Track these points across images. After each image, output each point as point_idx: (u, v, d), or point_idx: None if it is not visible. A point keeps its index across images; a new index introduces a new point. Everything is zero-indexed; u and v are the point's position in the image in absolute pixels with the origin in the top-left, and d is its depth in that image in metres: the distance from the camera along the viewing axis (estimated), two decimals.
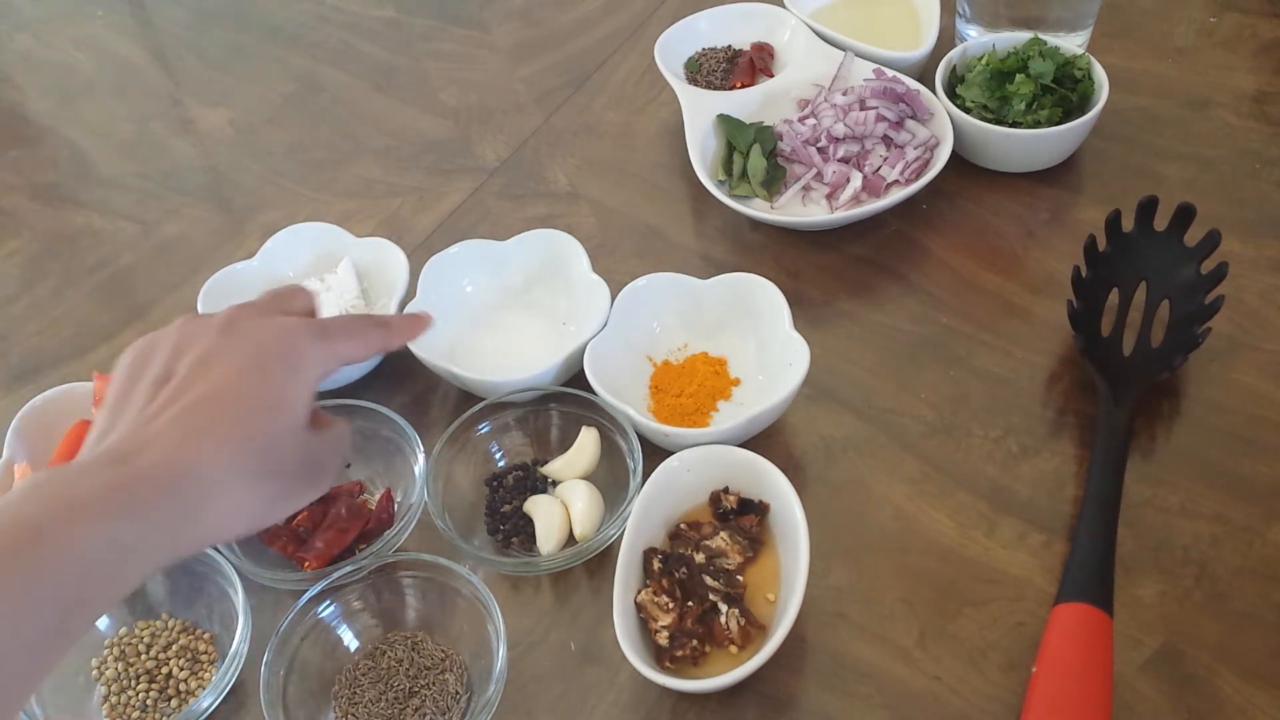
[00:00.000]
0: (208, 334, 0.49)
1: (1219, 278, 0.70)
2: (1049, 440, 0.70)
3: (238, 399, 0.46)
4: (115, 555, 0.41)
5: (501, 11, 1.12)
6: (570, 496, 0.69)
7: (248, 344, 0.48)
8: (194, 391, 0.46)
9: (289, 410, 0.48)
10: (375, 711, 0.63)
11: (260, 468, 0.46)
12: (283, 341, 0.49)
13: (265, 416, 0.47)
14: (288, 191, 0.97)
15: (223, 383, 0.47)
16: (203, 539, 0.45)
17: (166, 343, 0.50)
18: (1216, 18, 0.96)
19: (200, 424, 0.45)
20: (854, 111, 0.86)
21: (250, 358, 0.48)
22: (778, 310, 0.73)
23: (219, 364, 0.47)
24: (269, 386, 0.47)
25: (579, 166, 0.94)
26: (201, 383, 0.47)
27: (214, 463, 0.44)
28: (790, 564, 0.63)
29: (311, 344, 0.50)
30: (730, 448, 0.67)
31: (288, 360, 0.48)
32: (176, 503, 0.43)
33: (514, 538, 0.69)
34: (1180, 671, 0.60)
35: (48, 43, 1.19)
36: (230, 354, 0.48)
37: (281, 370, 0.48)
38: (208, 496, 0.44)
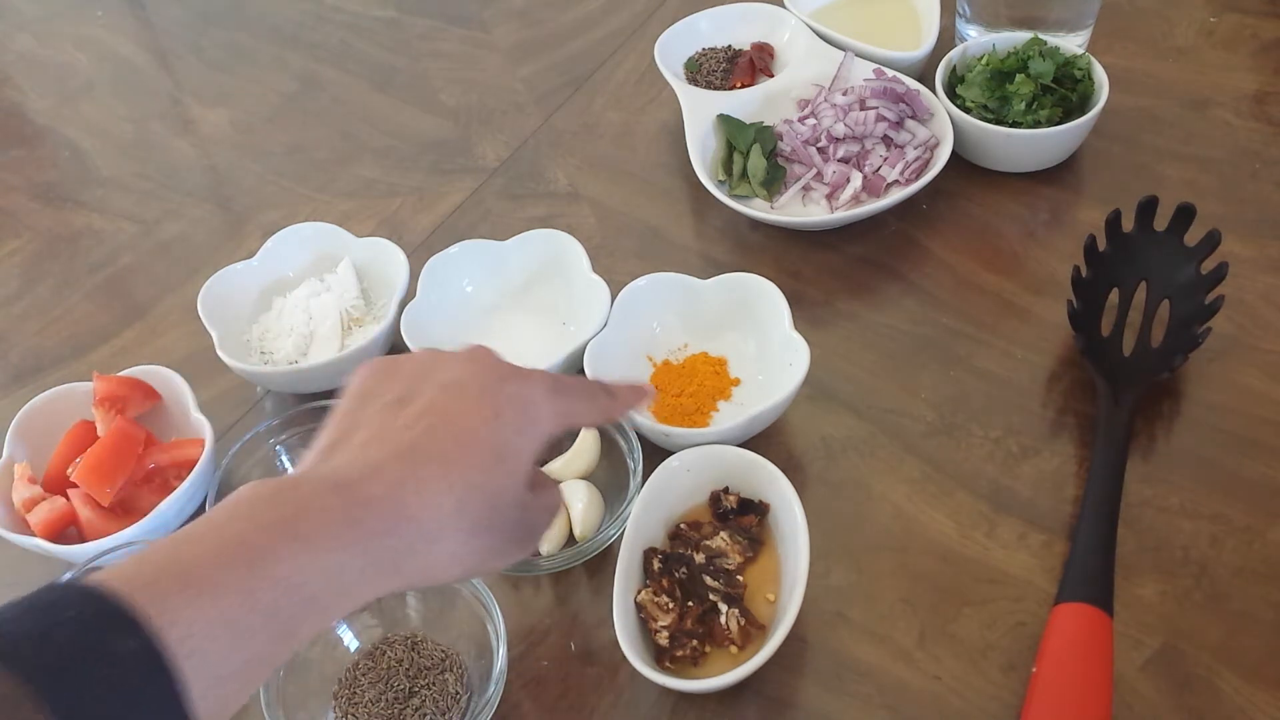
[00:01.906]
0: (454, 363, 0.48)
1: (1219, 278, 0.70)
2: (1049, 440, 0.70)
3: (472, 443, 0.45)
4: (335, 586, 0.41)
5: (501, 11, 1.12)
6: (570, 496, 0.69)
7: (490, 383, 0.47)
8: (428, 420, 0.45)
9: (517, 465, 0.46)
10: (375, 711, 0.63)
11: (479, 521, 0.44)
12: (523, 392, 0.48)
13: (494, 469, 0.45)
14: (288, 191, 0.97)
15: (459, 421, 0.45)
16: (413, 579, 0.44)
17: (409, 364, 0.48)
18: (1216, 18, 0.96)
19: (429, 462, 0.44)
20: (854, 111, 0.86)
21: (490, 401, 0.46)
22: (778, 310, 0.73)
23: (460, 398, 0.46)
24: (503, 437, 0.46)
25: (579, 166, 0.94)
26: (438, 414, 0.45)
27: (437, 507, 0.43)
28: (790, 564, 0.63)
29: (548, 400, 0.48)
30: (730, 448, 0.67)
31: (527, 413, 0.47)
32: (395, 540, 0.42)
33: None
34: (1180, 671, 0.60)
35: (48, 42, 1.19)
36: (473, 392, 0.46)
37: (518, 422, 0.46)
38: (425, 540, 0.43)
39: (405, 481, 0.43)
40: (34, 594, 0.35)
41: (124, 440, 0.71)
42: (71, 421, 0.75)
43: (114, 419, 0.72)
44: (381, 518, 0.42)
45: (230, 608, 0.37)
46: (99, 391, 0.74)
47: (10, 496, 0.71)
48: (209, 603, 0.37)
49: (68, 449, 0.73)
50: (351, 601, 0.42)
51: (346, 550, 0.41)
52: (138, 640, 0.34)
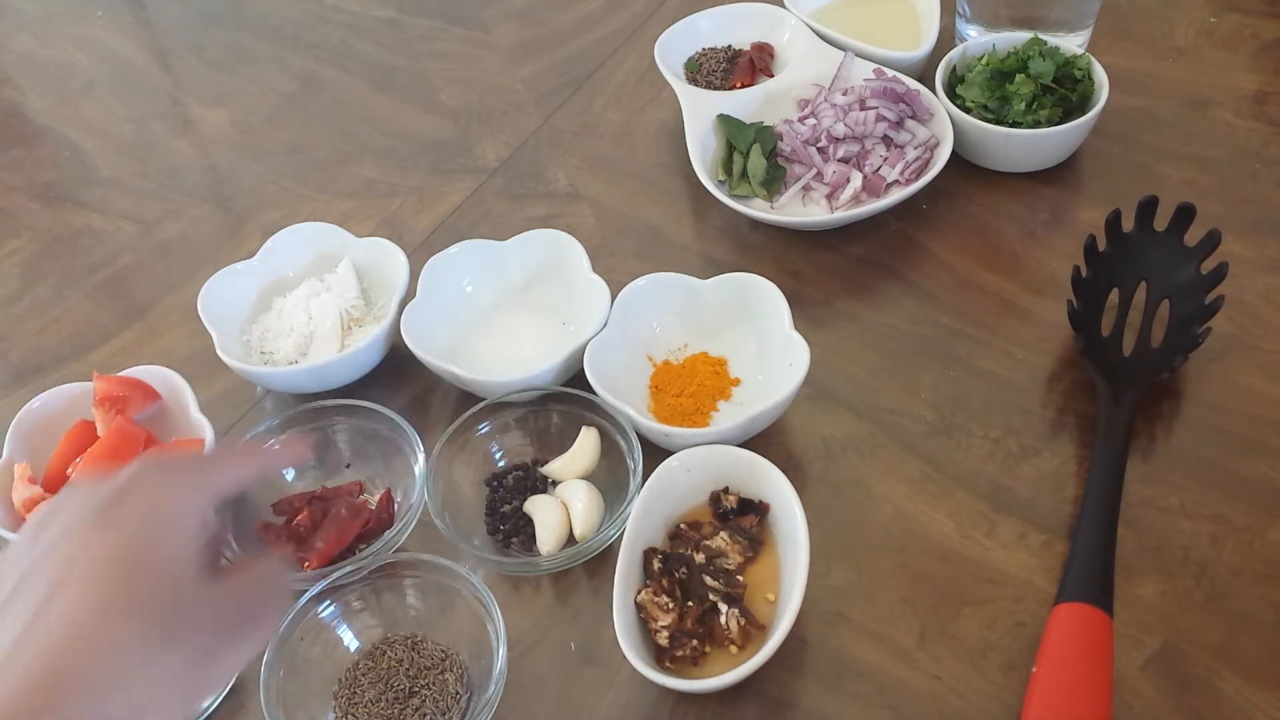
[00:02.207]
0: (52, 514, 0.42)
1: (1219, 278, 0.70)
2: (1049, 440, 0.70)
3: (101, 567, 0.40)
4: None
5: (502, 11, 1.12)
6: (570, 496, 0.69)
7: (89, 503, 0.42)
8: (48, 578, 0.40)
9: (166, 557, 0.41)
10: (375, 711, 0.63)
11: (150, 639, 0.39)
12: (128, 487, 0.42)
13: (139, 573, 0.40)
14: (288, 191, 0.97)
15: (81, 560, 0.40)
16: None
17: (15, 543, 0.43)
18: (1216, 18, 0.96)
19: (64, 614, 0.39)
20: (854, 111, 0.86)
21: (97, 515, 0.41)
22: (778, 310, 0.73)
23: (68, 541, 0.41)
24: (129, 537, 0.41)
25: (579, 166, 0.94)
26: (54, 569, 0.40)
27: (95, 653, 0.38)
28: (790, 564, 0.63)
29: (163, 476, 0.43)
30: (730, 448, 0.67)
31: (145, 506, 0.42)
32: (66, 710, 0.37)
33: (514, 538, 0.69)
34: (1180, 671, 0.60)
35: (48, 42, 1.19)
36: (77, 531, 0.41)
37: (138, 514, 0.41)
38: (106, 690, 0.38)
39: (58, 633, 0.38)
40: None
41: (124, 440, 0.71)
42: (71, 421, 0.75)
43: (114, 419, 0.72)
44: (39, 694, 0.37)
45: None
46: (99, 391, 0.74)
47: (10, 496, 0.71)
48: None
49: (68, 449, 0.73)
50: None
51: None
52: None
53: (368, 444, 0.73)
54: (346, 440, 0.74)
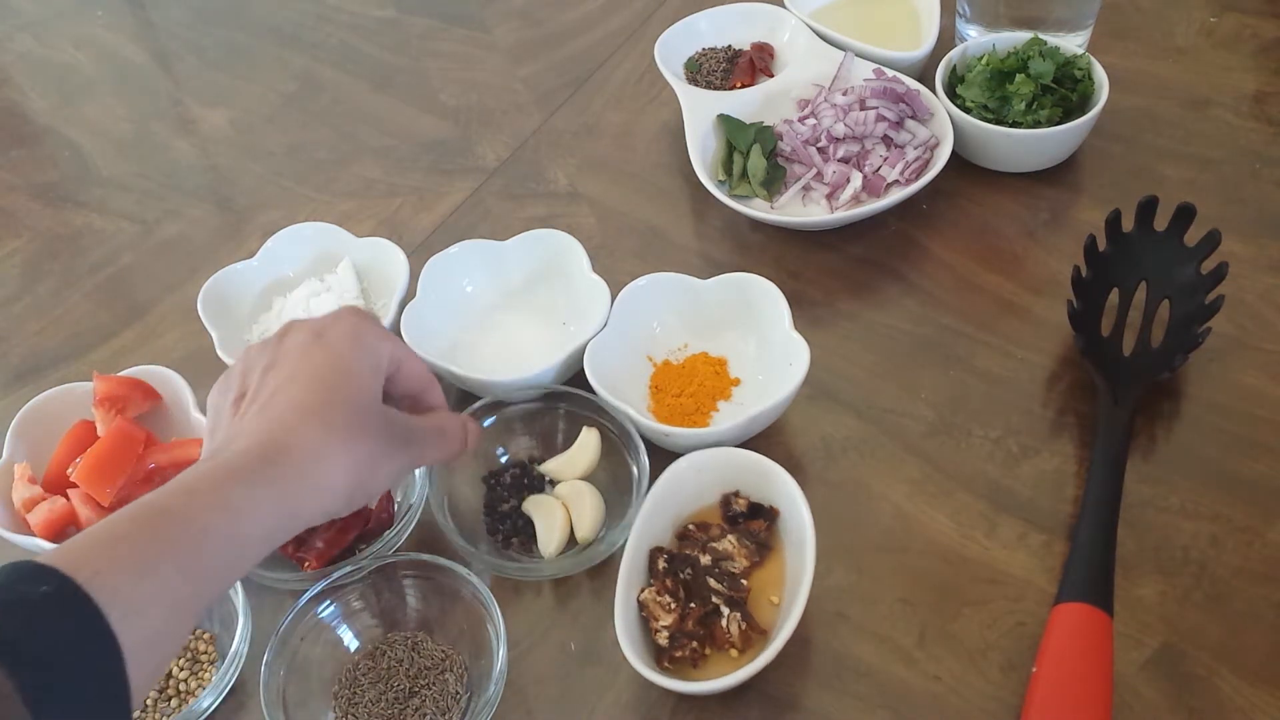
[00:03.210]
0: (268, 347, 0.55)
1: (1219, 278, 0.70)
2: (1049, 440, 0.70)
3: (310, 377, 0.52)
4: (227, 517, 0.47)
5: (501, 11, 1.12)
6: (571, 497, 0.69)
7: (303, 336, 0.55)
8: (268, 388, 0.53)
9: (356, 377, 0.53)
10: (375, 712, 0.63)
11: (347, 427, 0.51)
12: (336, 322, 0.55)
13: (339, 381, 0.52)
14: (288, 191, 0.97)
15: (292, 371, 0.53)
16: (316, 497, 0.51)
17: (236, 369, 0.56)
18: (1216, 18, 0.96)
19: (282, 406, 0.51)
20: (854, 111, 0.86)
21: (309, 342, 0.54)
22: (778, 310, 0.73)
23: (283, 362, 0.53)
24: (334, 356, 0.53)
25: (579, 166, 0.94)
26: (273, 381, 0.53)
27: (303, 431, 0.50)
28: (796, 571, 0.62)
29: (364, 320, 0.56)
30: (744, 451, 0.67)
31: (346, 334, 0.54)
32: (278, 468, 0.49)
33: (513, 538, 0.69)
34: (1180, 672, 0.60)
35: (48, 43, 1.19)
36: (291, 350, 0.54)
37: (341, 343, 0.54)
38: (307, 458, 0.50)
39: (269, 426, 0.51)
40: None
41: (124, 440, 0.71)
42: (71, 421, 0.75)
43: (114, 419, 0.72)
44: (257, 456, 0.49)
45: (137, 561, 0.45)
46: (99, 391, 0.74)
47: (10, 496, 0.71)
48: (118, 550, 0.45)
49: (68, 449, 0.73)
50: (256, 528, 0.49)
51: (234, 483, 0.48)
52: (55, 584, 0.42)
53: None
54: None
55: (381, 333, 0.57)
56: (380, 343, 0.56)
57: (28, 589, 0.42)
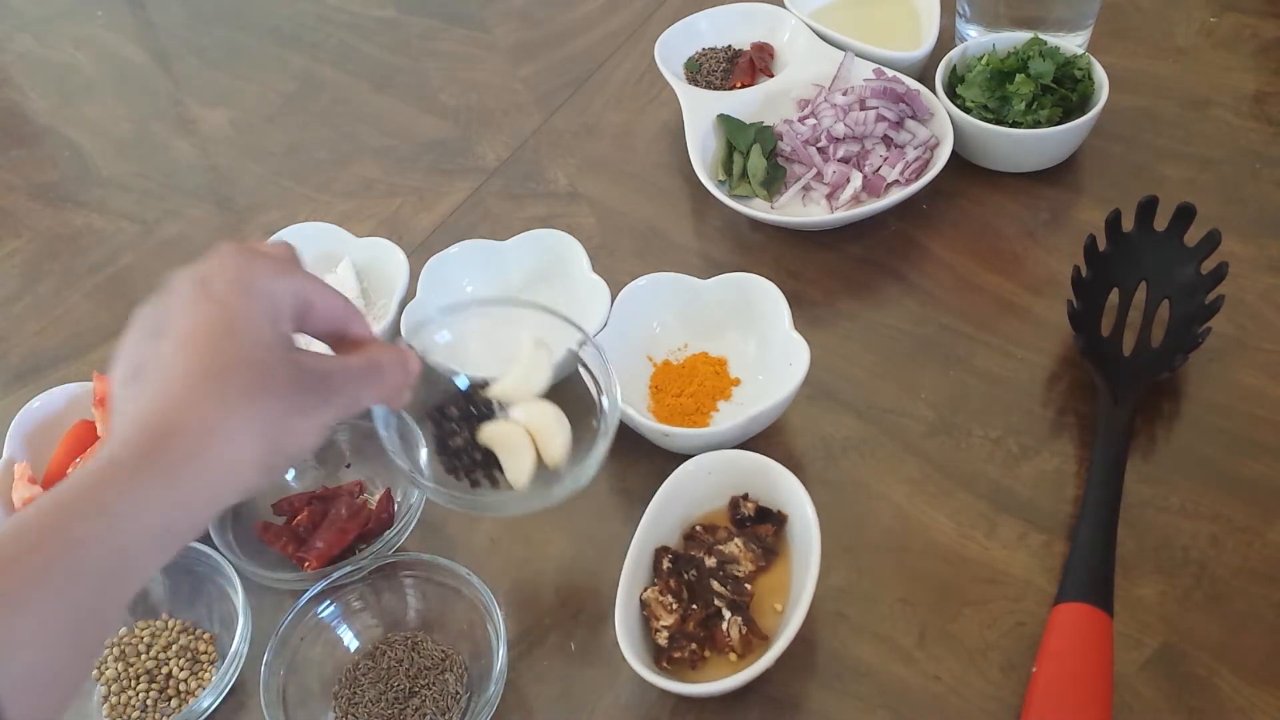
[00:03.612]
0: (154, 308, 0.48)
1: (1219, 278, 0.70)
2: (1049, 440, 0.70)
3: (196, 338, 0.45)
4: (105, 524, 0.41)
5: (501, 11, 1.12)
6: (532, 421, 0.60)
7: (186, 289, 0.47)
8: (155, 360, 0.46)
9: (249, 329, 0.46)
10: (375, 712, 0.63)
11: (245, 390, 0.44)
12: (220, 268, 0.47)
13: (228, 338, 0.45)
14: (288, 191, 0.97)
15: (178, 334, 0.46)
16: (220, 477, 0.44)
17: (129, 336, 0.48)
18: (1216, 18, 0.96)
19: (168, 379, 0.44)
20: (854, 111, 0.86)
21: (193, 297, 0.46)
22: (778, 310, 0.73)
23: (169, 325, 0.46)
24: (221, 309, 0.46)
25: (579, 166, 0.94)
26: (162, 348, 0.46)
27: (193, 404, 0.43)
28: (800, 577, 0.62)
29: (253, 260, 0.48)
30: (754, 454, 0.66)
31: (232, 282, 0.46)
32: (166, 455, 0.42)
33: (475, 473, 0.60)
34: (1180, 672, 0.60)
35: (48, 43, 1.19)
36: (174, 310, 0.46)
37: (228, 292, 0.46)
38: (201, 435, 0.43)
39: (154, 404, 0.44)
40: None
41: None
42: (72, 421, 0.75)
43: None
44: (142, 443, 0.43)
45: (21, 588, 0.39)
46: (99, 391, 0.74)
47: (10, 496, 0.71)
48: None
49: (68, 449, 0.73)
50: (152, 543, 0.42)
51: (112, 487, 0.42)
52: None
53: (367, 444, 0.73)
54: (346, 440, 0.74)
55: (276, 269, 0.48)
56: (274, 282, 0.47)
57: None
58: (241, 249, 0.48)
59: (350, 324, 0.52)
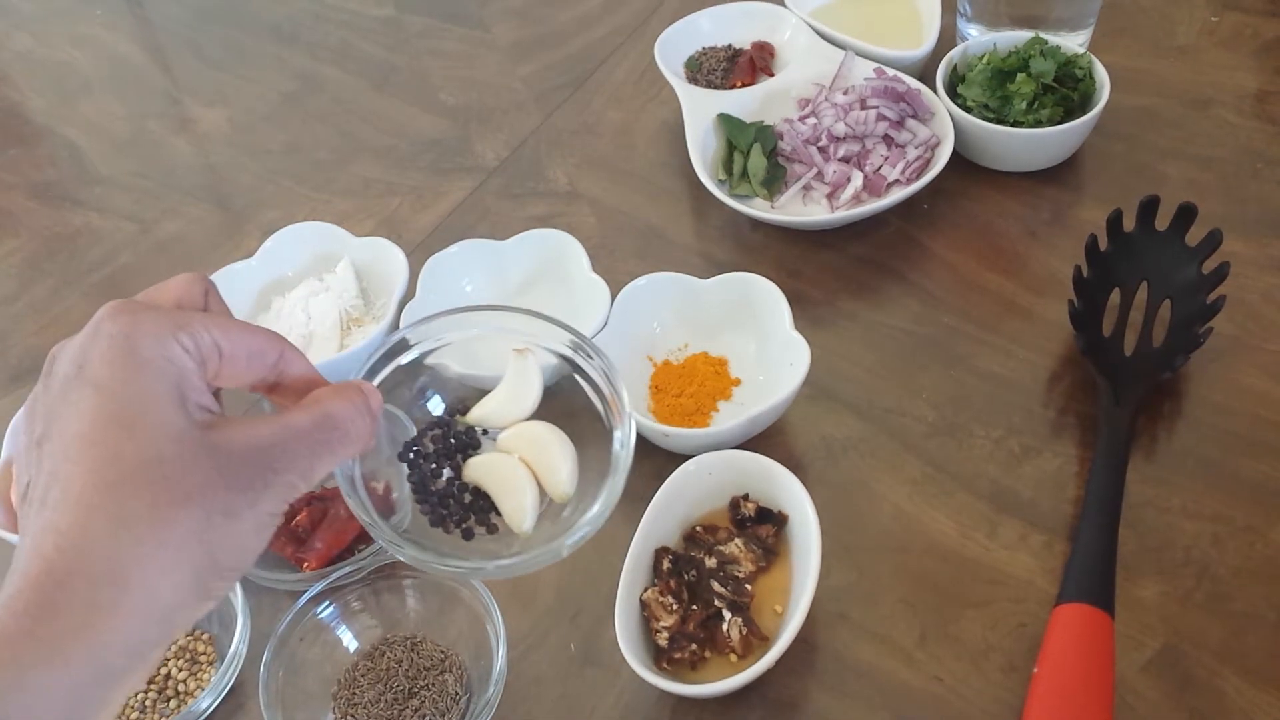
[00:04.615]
0: (37, 402, 0.38)
1: (1220, 277, 0.70)
2: (1050, 440, 0.70)
3: (77, 443, 0.35)
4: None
5: (501, 10, 1.12)
6: (528, 448, 0.49)
7: (64, 373, 0.37)
8: (42, 478, 0.36)
9: (143, 415, 0.36)
10: (375, 712, 0.62)
11: (152, 506, 0.35)
12: (94, 340, 0.37)
13: (118, 441, 0.35)
14: (286, 191, 0.97)
15: (63, 439, 0.36)
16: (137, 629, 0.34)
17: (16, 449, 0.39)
18: (1218, 17, 0.96)
19: (55, 506, 0.35)
20: (855, 111, 0.85)
21: (71, 384, 0.37)
22: (778, 310, 0.73)
23: (53, 428, 0.36)
24: (102, 400, 0.36)
25: (579, 166, 0.94)
26: (47, 463, 0.36)
27: (88, 537, 0.34)
28: (801, 578, 0.62)
29: (132, 319, 0.37)
30: (754, 454, 0.66)
31: (112, 357, 0.36)
32: (63, 621, 0.33)
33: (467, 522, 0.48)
34: (1182, 672, 0.59)
35: (46, 41, 1.18)
36: (56, 405, 0.37)
37: (106, 371, 0.36)
38: (109, 573, 0.34)
39: (53, 531, 0.34)
40: None
41: None
42: None
43: None
44: (40, 592, 0.33)
45: None
46: None
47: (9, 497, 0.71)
48: None
49: None
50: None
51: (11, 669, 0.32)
52: None
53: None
54: None
55: (165, 325, 0.37)
56: (166, 344, 0.37)
57: None
58: (119, 309, 0.38)
59: (283, 364, 0.41)
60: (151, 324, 0.37)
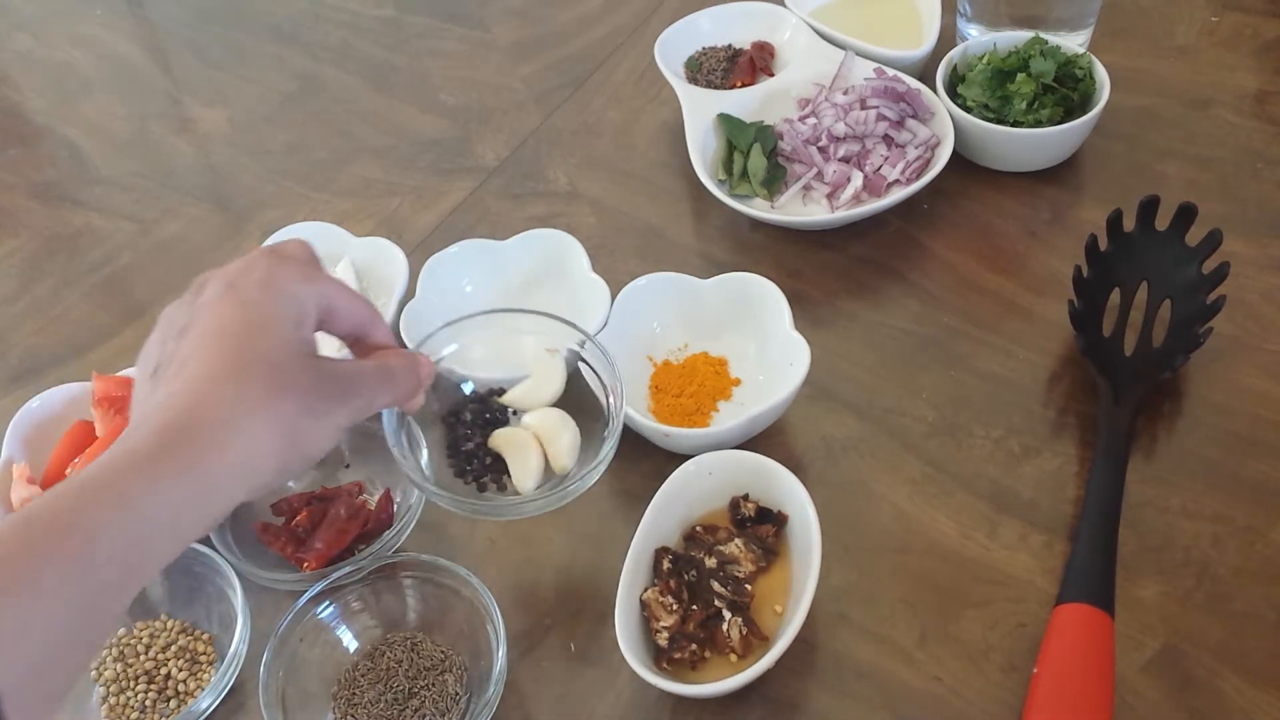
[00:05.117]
0: (181, 308, 0.50)
1: (1220, 277, 0.70)
2: (1050, 440, 0.70)
3: (221, 335, 0.47)
4: (122, 514, 0.41)
5: (501, 10, 1.12)
6: (542, 427, 0.63)
7: (215, 288, 0.49)
8: (180, 355, 0.47)
9: (273, 329, 0.48)
10: (374, 713, 0.62)
11: (266, 387, 0.46)
12: (249, 269, 0.49)
13: (253, 337, 0.47)
14: (287, 191, 0.97)
15: (203, 330, 0.47)
16: (238, 471, 0.45)
17: (154, 336, 0.50)
18: (1218, 17, 0.96)
19: (191, 374, 0.46)
20: (855, 111, 0.86)
21: (222, 296, 0.48)
22: (778, 310, 0.73)
23: (196, 322, 0.48)
24: (247, 310, 0.48)
25: (579, 166, 0.94)
26: (186, 346, 0.47)
27: (214, 399, 0.45)
28: (801, 578, 0.62)
29: (280, 263, 0.50)
30: (754, 454, 0.66)
31: (258, 283, 0.48)
32: (186, 447, 0.43)
33: (485, 477, 0.64)
34: (1181, 672, 0.59)
35: (46, 41, 1.18)
36: (203, 308, 0.48)
37: (254, 292, 0.48)
38: (220, 429, 0.44)
39: (179, 398, 0.45)
40: None
41: None
42: (70, 421, 0.75)
43: (113, 419, 0.72)
44: (173, 431, 0.44)
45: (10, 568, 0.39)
46: (98, 391, 0.74)
47: (9, 497, 0.71)
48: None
49: (66, 449, 0.73)
50: (167, 532, 0.43)
51: (134, 475, 0.42)
52: None
53: (367, 444, 0.73)
54: (346, 440, 0.74)
55: (302, 274, 0.50)
56: (300, 286, 0.50)
57: None
58: (270, 253, 0.50)
59: (372, 329, 0.54)
60: (294, 268, 0.50)
